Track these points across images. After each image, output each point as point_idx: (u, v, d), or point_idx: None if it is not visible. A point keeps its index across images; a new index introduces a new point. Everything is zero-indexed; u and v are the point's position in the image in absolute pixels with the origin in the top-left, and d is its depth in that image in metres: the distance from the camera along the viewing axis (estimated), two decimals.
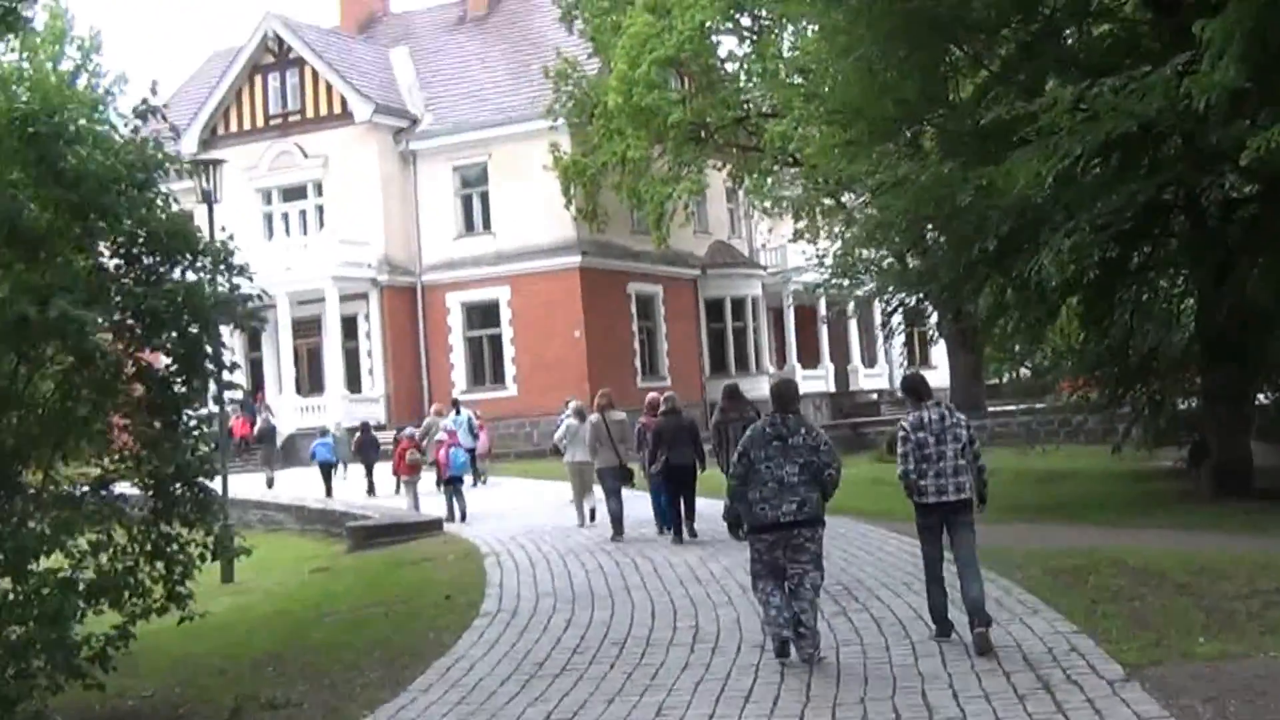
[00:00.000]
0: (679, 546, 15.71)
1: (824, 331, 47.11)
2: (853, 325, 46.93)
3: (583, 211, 36.79)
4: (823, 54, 21.44)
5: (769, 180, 33.55)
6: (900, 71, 18.80)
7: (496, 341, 39.65)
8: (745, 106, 34.41)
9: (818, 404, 43.29)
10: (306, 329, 39.94)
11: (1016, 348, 24.68)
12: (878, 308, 28.65)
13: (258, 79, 41.27)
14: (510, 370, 39.19)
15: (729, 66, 35.92)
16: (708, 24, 33.10)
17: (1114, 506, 18.12)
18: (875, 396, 48.31)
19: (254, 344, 41.76)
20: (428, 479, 23.48)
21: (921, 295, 20.47)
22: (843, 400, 46.65)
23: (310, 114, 40.68)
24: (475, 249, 39.59)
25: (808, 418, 9.99)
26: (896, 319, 23.36)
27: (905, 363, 52.08)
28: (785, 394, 9.59)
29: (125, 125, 9.81)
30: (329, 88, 40.12)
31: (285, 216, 41.37)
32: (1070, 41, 19.51)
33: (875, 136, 19.29)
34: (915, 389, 9.81)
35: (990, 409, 35.85)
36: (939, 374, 47.98)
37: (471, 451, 26.40)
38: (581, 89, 35.97)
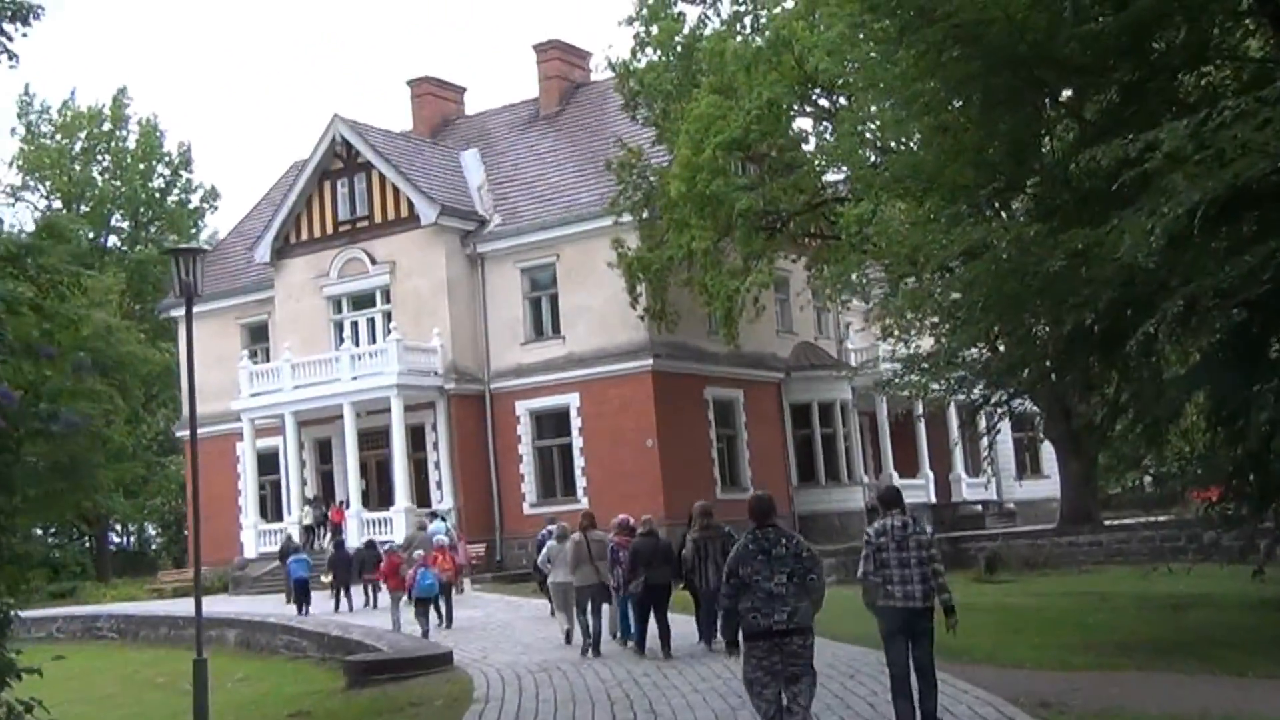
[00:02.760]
0: (692, 689, 13.28)
1: (923, 437, 43.78)
2: (955, 431, 43.43)
3: (650, 310, 34.16)
4: (886, 116, 18.69)
5: (851, 273, 30.57)
6: (980, 126, 16.04)
7: (567, 451, 37.15)
8: (821, 191, 31.57)
9: (917, 516, 39.65)
10: (373, 440, 37.83)
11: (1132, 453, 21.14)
12: (962, 409, 25.51)
13: (326, 185, 39.95)
14: (581, 481, 36.54)
15: (803, 148, 33.29)
16: (781, 104, 30.50)
17: (1252, 644, 14.88)
18: (980, 509, 44.61)
19: (324, 457, 40.08)
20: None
21: (1009, 391, 17.32)
22: (944, 512, 42.95)
23: (378, 219, 39.05)
24: (544, 354, 37.28)
25: (786, 528, 10.01)
26: (988, 419, 20.13)
27: (1016, 473, 48.34)
28: (763, 508, 9.66)
29: None
30: (395, 191, 38.54)
31: (355, 325, 39.64)
32: (1184, 87, 16.57)
33: (951, 204, 16.46)
34: (887, 500, 10.47)
35: (1107, 523, 32.25)
36: (1050, 484, 44.28)
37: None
38: (647, 180, 33.60)
